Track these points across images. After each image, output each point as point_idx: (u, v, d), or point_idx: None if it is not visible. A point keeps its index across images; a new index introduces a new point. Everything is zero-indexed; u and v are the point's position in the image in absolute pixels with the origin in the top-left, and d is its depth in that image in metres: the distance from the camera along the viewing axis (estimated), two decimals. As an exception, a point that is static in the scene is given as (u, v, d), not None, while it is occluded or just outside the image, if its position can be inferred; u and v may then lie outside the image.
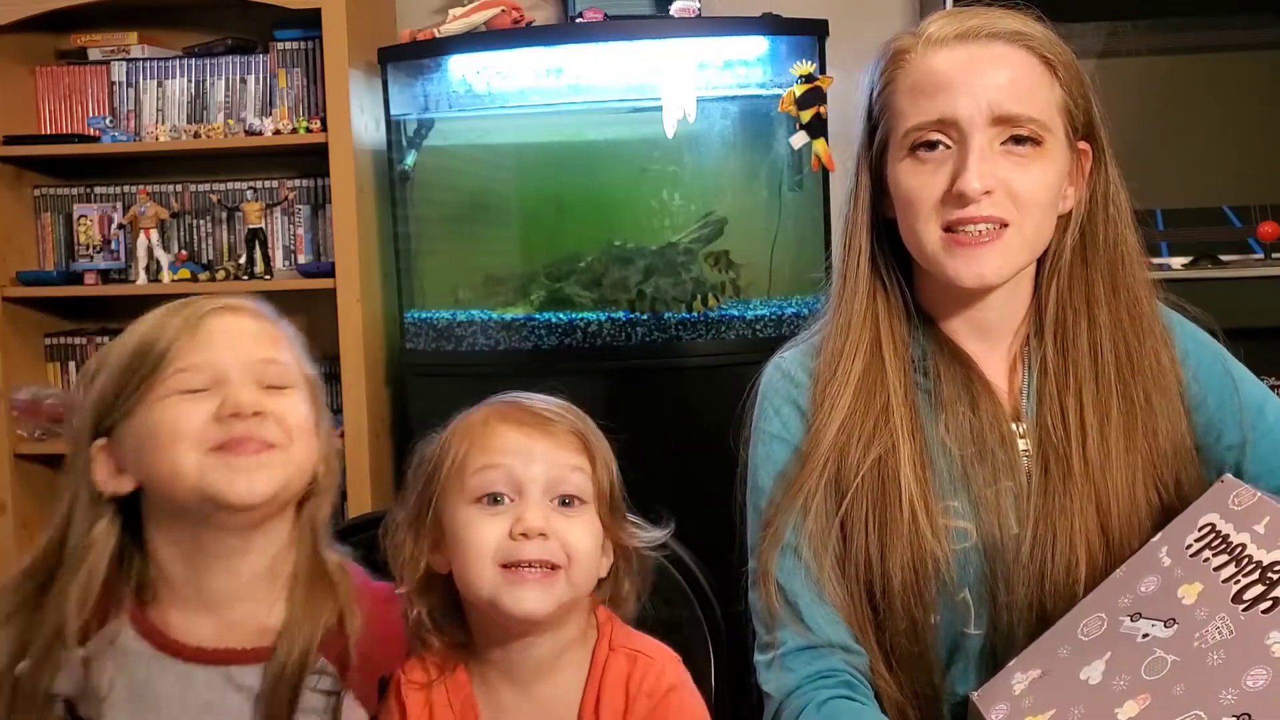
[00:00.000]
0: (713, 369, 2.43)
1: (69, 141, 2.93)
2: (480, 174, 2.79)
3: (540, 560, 0.99)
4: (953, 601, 1.11)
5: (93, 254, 2.98)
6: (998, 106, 1.08)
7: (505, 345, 2.57)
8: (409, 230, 2.80)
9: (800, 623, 1.11)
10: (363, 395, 2.74)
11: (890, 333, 1.16)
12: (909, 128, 1.11)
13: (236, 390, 1.01)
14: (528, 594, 0.98)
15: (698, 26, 2.60)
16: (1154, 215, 2.57)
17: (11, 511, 2.88)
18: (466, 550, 1.00)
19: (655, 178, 2.61)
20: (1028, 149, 1.10)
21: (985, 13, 1.13)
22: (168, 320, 1.04)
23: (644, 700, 1.02)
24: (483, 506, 1.00)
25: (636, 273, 2.55)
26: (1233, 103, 2.63)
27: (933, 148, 1.10)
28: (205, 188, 3.02)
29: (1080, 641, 0.98)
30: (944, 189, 1.09)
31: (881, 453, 1.12)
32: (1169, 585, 0.96)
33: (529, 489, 1.00)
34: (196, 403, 1.01)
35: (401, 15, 3.00)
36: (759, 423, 1.21)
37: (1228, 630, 0.88)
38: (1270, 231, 2.47)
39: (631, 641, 1.06)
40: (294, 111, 2.90)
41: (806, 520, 1.13)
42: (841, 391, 1.14)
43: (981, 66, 1.10)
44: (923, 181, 1.11)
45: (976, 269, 1.10)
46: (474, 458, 1.01)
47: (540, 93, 2.60)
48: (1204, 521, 1.00)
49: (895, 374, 1.14)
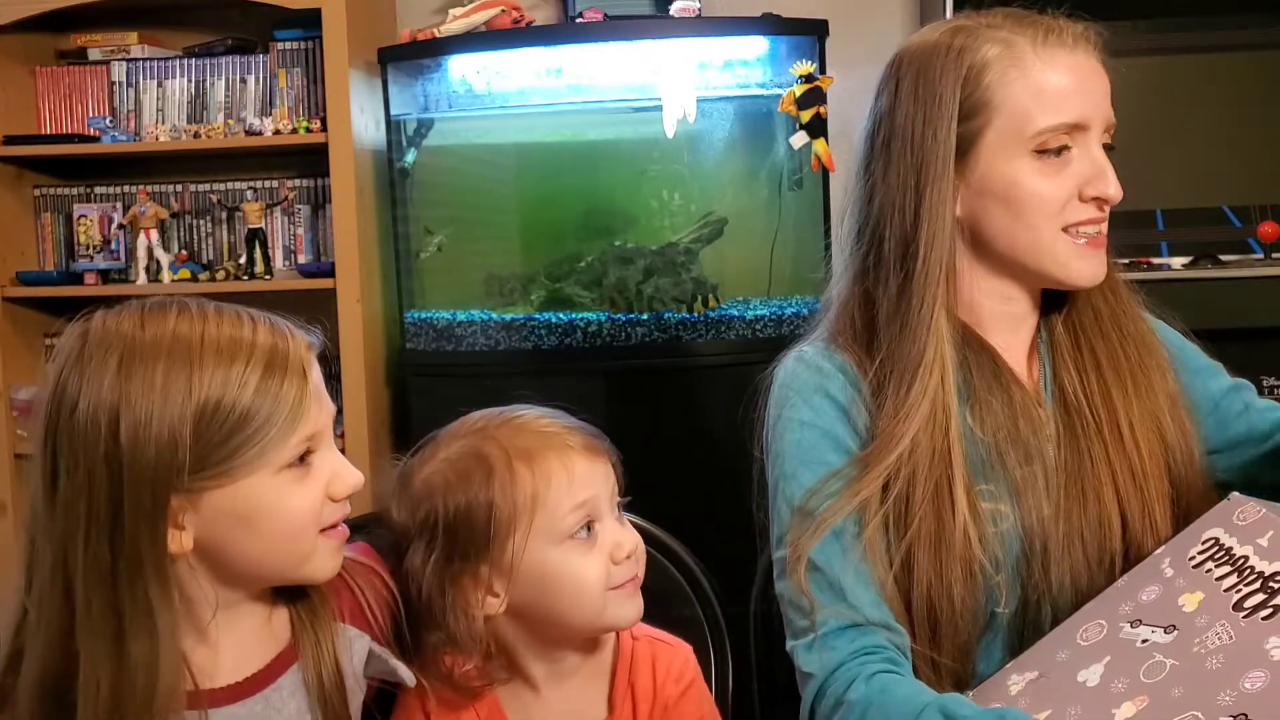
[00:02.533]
0: (713, 369, 2.43)
1: (69, 141, 2.93)
2: (480, 174, 2.79)
3: (636, 574, 1.04)
4: (990, 584, 1.11)
5: (93, 254, 2.98)
6: (1108, 114, 1.16)
7: (505, 345, 2.57)
8: (409, 230, 2.80)
9: (843, 603, 1.09)
10: (363, 395, 2.75)
11: (950, 341, 1.15)
12: (1041, 129, 1.12)
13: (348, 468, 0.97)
14: (632, 606, 1.03)
15: (698, 26, 2.60)
16: (1154, 215, 2.57)
17: (12, 511, 2.88)
18: (573, 587, 1.00)
19: (655, 178, 2.61)
20: (1109, 154, 1.16)
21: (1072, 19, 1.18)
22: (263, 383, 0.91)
23: (672, 686, 1.05)
24: (578, 542, 1.01)
25: (636, 273, 2.55)
26: (1233, 103, 2.63)
27: (1059, 153, 1.14)
28: (205, 188, 3.02)
29: (1079, 646, 0.98)
30: (1073, 191, 1.14)
31: (941, 472, 1.12)
32: (1170, 594, 0.96)
33: (605, 511, 1.03)
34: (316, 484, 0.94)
35: (401, 15, 3.01)
36: (786, 411, 1.18)
37: (1228, 636, 0.89)
38: (1270, 231, 2.47)
39: (649, 631, 1.10)
40: (294, 111, 2.90)
41: (865, 529, 1.11)
42: (918, 405, 1.12)
43: (1097, 75, 1.16)
44: (1051, 184, 1.13)
45: (1096, 269, 1.16)
46: (560, 498, 1.01)
47: (540, 93, 2.60)
48: (1208, 536, 1.00)
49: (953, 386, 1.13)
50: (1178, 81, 2.63)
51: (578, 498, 1.01)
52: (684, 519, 1.41)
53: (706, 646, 1.36)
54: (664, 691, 1.05)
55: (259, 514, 0.92)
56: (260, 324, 0.93)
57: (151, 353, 0.89)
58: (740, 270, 2.66)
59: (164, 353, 0.89)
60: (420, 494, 1.03)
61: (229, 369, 0.89)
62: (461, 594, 1.01)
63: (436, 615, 1.01)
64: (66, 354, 0.90)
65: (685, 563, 1.39)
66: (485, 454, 1.02)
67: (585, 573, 1.00)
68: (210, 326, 0.91)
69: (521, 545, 0.99)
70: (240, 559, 0.94)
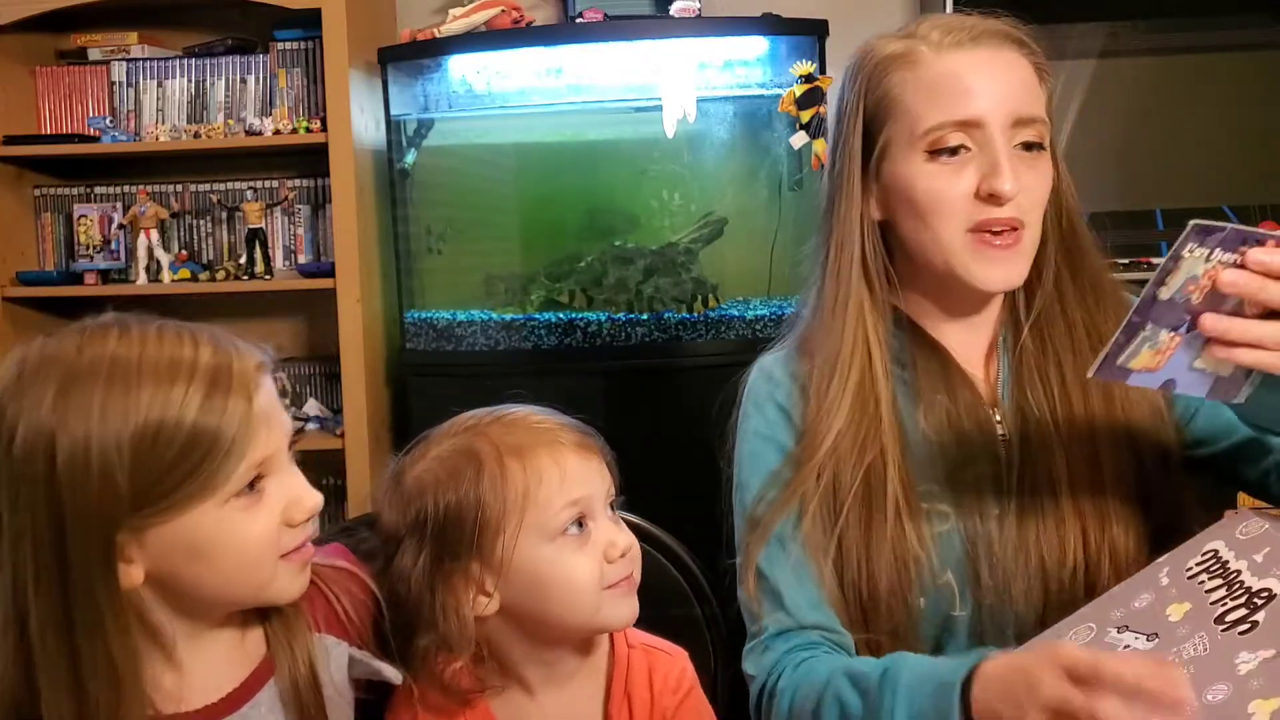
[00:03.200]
0: (713, 369, 2.43)
1: (69, 141, 2.93)
2: (480, 174, 2.79)
3: (631, 574, 1.02)
4: (936, 585, 1.12)
5: (93, 254, 2.98)
6: (1015, 110, 1.10)
7: (505, 345, 2.57)
8: (409, 230, 2.80)
9: (782, 610, 1.12)
10: (363, 395, 2.74)
11: (877, 334, 1.16)
12: (929, 128, 1.10)
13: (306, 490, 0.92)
14: (627, 606, 1.02)
15: (698, 26, 2.60)
16: (1154, 215, 2.57)
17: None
18: (566, 585, 0.99)
19: (655, 178, 2.61)
20: (1034, 153, 1.11)
21: (985, 18, 1.14)
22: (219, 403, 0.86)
23: (669, 696, 1.04)
24: (570, 539, 1.00)
25: (636, 273, 2.55)
26: (1233, 103, 2.63)
27: (954, 152, 1.10)
28: (205, 188, 3.02)
29: None
30: (970, 190, 1.09)
31: (871, 459, 1.13)
32: (1160, 603, 0.97)
33: (599, 510, 1.02)
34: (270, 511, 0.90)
35: (401, 15, 3.01)
36: (742, 422, 1.22)
37: (1203, 647, 0.89)
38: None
39: (645, 638, 1.09)
40: (294, 111, 2.90)
41: (803, 523, 1.13)
42: (840, 399, 1.14)
43: (999, 69, 1.11)
44: (947, 183, 1.10)
45: (1004, 274, 1.11)
46: (552, 494, 0.99)
47: (540, 93, 2.60)
48: (1209, 548, 1.01)
49: (883, 377, 1.15)
50: (1178, 81, 2.63)
51: (570, 495, 1.00)
52: (683, 519, 1.41)
53: (705, 646, 1.36)
54: (661, 702, 1.04)
55: (210, 547, 0.87)
56: (204, 343, 0.88)
57: (88, 376, 0.84)
58: (740, 270, 2.66)
59: (102, 376, 0.84)
60: (411, 492, 1.02)
61: (169, 390, 0.84)
62: (453, 593, 0.99)
63: (427, 616, 0.99)
64: (3, 383, 0.86)
65: (684, 562, 1.39)
66: (476, 451, 1.01)
67: (578, 570, 0.99)
68: (150, 347, 0.86)
69: (512, 542, 0.98)
70: (197, 590, 0.90)
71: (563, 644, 1.04)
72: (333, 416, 2.94)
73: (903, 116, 1.12)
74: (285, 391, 2.94)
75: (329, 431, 2.88)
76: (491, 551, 0.99)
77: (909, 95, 1.12)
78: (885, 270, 1.17)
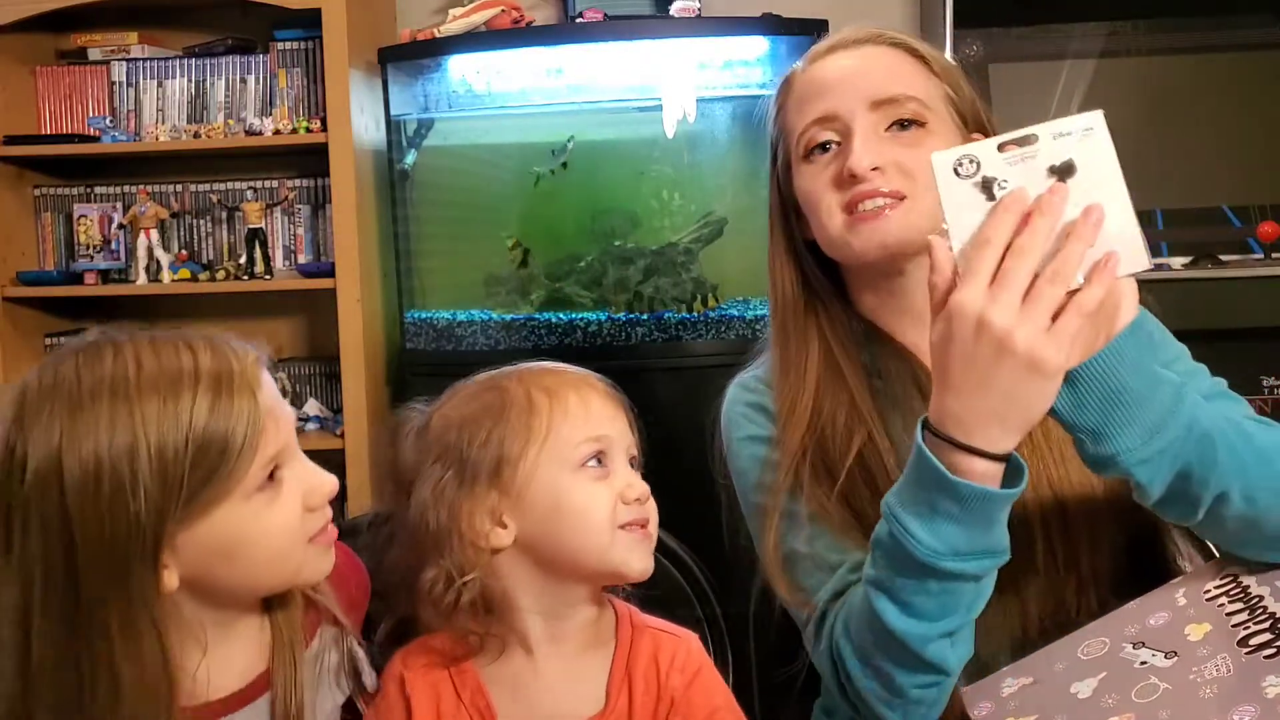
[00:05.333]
0: (713, 369, 2.42)
1: (69, 141, 2.93)
2: (480, 174, 2.79)
3: (647, 522, 1.03)
4: None
5: (93, 254, 2.98)
6: (874, 91, 1.13)
7: (505, 345, 2.57)
8: (409, 230, 2.80)
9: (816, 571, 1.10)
10: (363, 395, 2.75)
11: (840, 344, 1.18)
12: (798, 134, 1.17)
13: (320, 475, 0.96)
14: (641, 552, 1.02)
15: (698, 26, 2.60)
16: (1154, 215, 2.57)
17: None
18: (582, 514, 1.00)
19: (655, 178, 2.61)
20: (913, 131, 1.14)
21: (859, 28, 1.20)
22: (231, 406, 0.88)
23: (676, 676, 1.04)
24: (589, 472, 1.02)
25: (636, 273, 2.55)
26: (1233, 103, 2.63)
27: (825, 149, 1.15)
28: (205, 188, 3.02)
29: (1078, 660, 0.99)
30: (836, 175, 1.13)
31: (862, 443, 1.12)
32: (1178, 622, 0.97)
33: (618, 456, 1.04)
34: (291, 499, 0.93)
35: (401, 15, 3.01)
36: (732, 433, 1.23)
37: (1226, 668, 0.89)
38: (1270, 231, 2.47)
39: (653, 622, 1.09)
40: (294, 111, 2.90)
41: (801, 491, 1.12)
42: (801, 388, 1.17)
43: (855, 65, 1.16)
44: (819, 177, 1.15)
45: (878, 239, 1.11)
46: (575, 427, 1.02)
47: (540, 93, 2.60)
48: (1228, 572, 1.01)
49: (854, 376, 1.16)
50: (1178, 81, 2.63)
51: (593, 431, 1.02)
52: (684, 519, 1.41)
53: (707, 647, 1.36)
54: (669, 682, 1.03)
55: (241, 542, 0.90)
56: (200, 349, 0.89)
57: (91, 400, 0.85)
58: (740, 270, 2.65)
59: (105, 398, 0.85)
60: (436, 429, 1.04)
61: (176, 403, 0.85)
62: (470, 521, 1.01)
63: (441, 545, 1.00)
64: (9, 418, 0.87)
65: (685, 562, 1.39)
66: (505, 388, 1.04)
67: (594, 499, 1.01)
68: (148, 362, 0.87)
69: (533, 468, 1.00)
70: (232, 585, 0.93)
71: (573, 588, 1.04)
72: (333, 416, 2.95)
73: (788, 133, 1.20)
74: (285, 391, 2.93)
75: (329, 431, 2.88)
76: (511, 481, 1.01)
77: (787, 114, 1.20)
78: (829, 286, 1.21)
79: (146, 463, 0.84)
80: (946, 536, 0.92)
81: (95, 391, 0.85)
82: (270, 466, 0.90)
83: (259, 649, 0.98)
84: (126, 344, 0.88)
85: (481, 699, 1.02)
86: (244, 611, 0.97)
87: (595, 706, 1.03)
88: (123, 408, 0.85)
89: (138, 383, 0.86)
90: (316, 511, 0.95)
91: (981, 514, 0.91)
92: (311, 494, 0.94)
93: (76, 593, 0.84)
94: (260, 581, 0.94)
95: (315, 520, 0.95)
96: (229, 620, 0.96)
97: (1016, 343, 0.85)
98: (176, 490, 0.85)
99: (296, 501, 0.93)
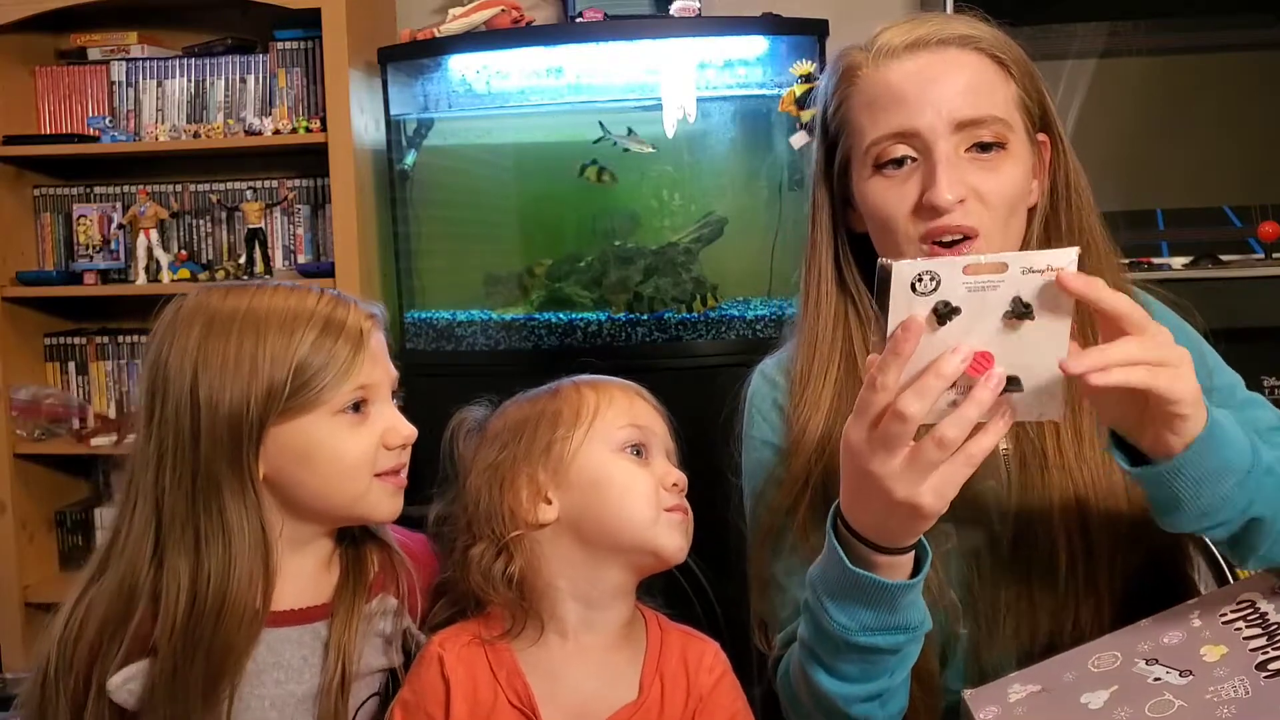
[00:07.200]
0: (713, 369, 2.43)
1: (69, 141, 2.93)
2: (480, 174, 2.79)
3: (686, 509, 1.08)
4: (943, 603, 1.11)
5: (92, 254, 2.98)
6: (957, 113, 1.07)
7: (505, 345, 2.57)
8: (409, 230, 2.80)
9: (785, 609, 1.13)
10: (363, 395, 2.74)
11: (864, 344, 1.16)
12: (870, 143, 1.10)
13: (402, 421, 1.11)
14: (681, 534, 1.08)
15: (698, 26, 2.60)
16: (1154, 215, 2.57)
17: (11, 511, 2.88)
18: (624, 490, 1.06)
19: (655, 178, 2.61)
20: (993, 154, 1.09)
21: (932, 19, 1.13)
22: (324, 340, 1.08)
23: (705, 676, 1.07)
24: (628, 455, 1.08)
25: (636, 273, 2.55)
26: (1233, 103, 2.63)
27: (899, 164, 1.09)
28: (205, 188, 3.02)
29: (1089, 671, 0.98)
30: (915, 201, 1.08)
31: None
32: (1193, 642, 0.97)
33: (656, 450, 1.10)
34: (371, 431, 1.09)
35: (401, 15, 3.01)
36: (747, 429, 1.23)
37: (1244, 690, 0.89)
38: (1270, 231, 2.47)
39: (679, 626, 1.12)
40: (294, 111, 2.90)
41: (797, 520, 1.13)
42: (821, 392, 1.15)
43: (935, 74, 1.08)
44: (894, 196, 1.09)
45: None
46: (619, 413, 1.09)
47: (540, 93, 2.60)
48: (1244, 597, 1.01)
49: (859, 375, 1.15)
50: (1178, 81, 2.63)
51: (635, 419, 1.09)
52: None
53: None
54: (698, 681, 1.07)
55: (316, 451, 1.06)
56: (324, 297, 1.10)
57: (226, 322, 1.06)
58: (740, 270, 2.66)
59: (237, 322, 1.06)
60: (494, 427, 1.12)
61: (290, 334, 1.06)
62: (516, 496, 1.06)
63: (492, 519, 1.06)
64: (164, 323, 1.09)
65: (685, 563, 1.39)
66: (557, 389, 1.12)
67: (637, 480, 1.06)
68: (279, 300, 1.08)
69: (577, 446, 1.06)
70: (302, 492, 1.07)
71: (611, 570, 1.07)
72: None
73: (853, 134, 1.13)
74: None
75: (329, 431, 2.87)
76: (559, 459, 1.07)
77: (854, 113, 1.13)
78: (864, 282, 1.17)
79: (261, 372, 1.04)
80: (856, 615, 0.96)
81: (231, 316, 1.07)
82: (357, 396, 1.07)
83: (319, 584, 1.11)
84: (270, 284, 1.11)
85: (518, 680, 1.04)
86: (315, 536, 1.11)
87: (629, 696, 1.05)
88: (250, 329, 1.06)
89: (266, 313, 1.07)
90: (391, 451, 1.09)
91: (884, 600, 0.95)
92: (390, 433, 1.09)
93: (197, 459, 1.05)
94: (325, 495, 1.08)
95: (388, 458, 1.09)
96: (302, 539, 1.10)
97: (895, 492, 0.88)
98: (279, 395, 1.04)
99: (375, 435, 1.08)
